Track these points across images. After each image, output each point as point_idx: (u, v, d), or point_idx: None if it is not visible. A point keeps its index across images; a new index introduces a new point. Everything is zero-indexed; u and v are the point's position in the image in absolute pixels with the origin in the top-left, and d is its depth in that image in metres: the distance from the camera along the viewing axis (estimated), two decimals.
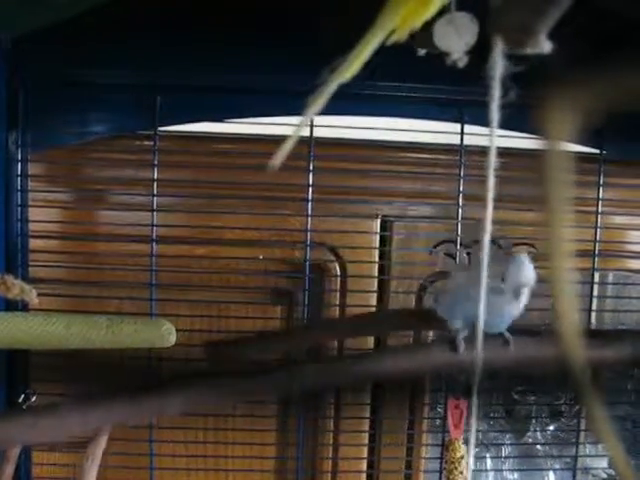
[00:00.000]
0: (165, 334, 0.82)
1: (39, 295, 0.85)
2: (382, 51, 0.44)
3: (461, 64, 0.45)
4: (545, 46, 0.37)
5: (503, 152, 0.47)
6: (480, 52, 0.44)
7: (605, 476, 1.04)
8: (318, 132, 0.88)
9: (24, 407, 0.90)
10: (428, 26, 0.44)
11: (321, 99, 0.43)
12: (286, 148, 0.42)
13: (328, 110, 0.44)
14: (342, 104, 0.51)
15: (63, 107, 0.88)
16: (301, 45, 0.82)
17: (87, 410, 0.71)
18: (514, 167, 0.56)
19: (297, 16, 0.79)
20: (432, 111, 0.92)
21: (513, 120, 0.44)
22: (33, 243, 0.90)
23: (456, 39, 0.44)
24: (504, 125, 0.44)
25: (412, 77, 0.89)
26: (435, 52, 0.46)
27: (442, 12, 0.43)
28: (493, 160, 0.46)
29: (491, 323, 0.73)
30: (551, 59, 0.38)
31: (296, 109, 0.45)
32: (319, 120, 0.87)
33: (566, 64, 0.36)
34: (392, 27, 0.43)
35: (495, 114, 0.44)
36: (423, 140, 0.95)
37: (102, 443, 0.77)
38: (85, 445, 0.77)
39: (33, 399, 0.90)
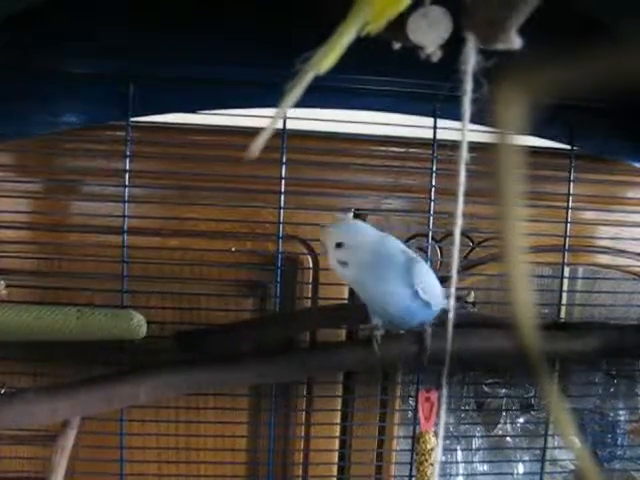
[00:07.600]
0: (136, 326, 0.82)
1: (8, 286, 0.84)
2: (356, 43, 0.44)
3: (435, 58, 0.46)
4: (516, 42, 0.38)
5: (476, 146, 0.47)
6: (455, 46, 0.44)
7: (572, 467, 1.05)
8: (291, 124, 0.88)
9: None
10: (402, 19, 0.44)
11: (296, 91, 0.43)
12: (263, 139, 0.42)
13: (301, 102, 0.44)
14: (315, 96, 0.50)
15: (33, 97, 0.87)
16: (274, 36, 0.81)
17: (56, 399, 0.70)
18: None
19: (270, 7, 0.79)
20: (406, 104, 0.92)
21: (487, 115, 0.45)
22: (2, 234, 0.89)
23: (429, 33, 0.44)
24: (477, 120, 0.44)
25: (386, 70, 0.89)
26: (409, 45, 0.46)
27: (417, 5, 0.43)
28: (465, 154, 0.46)
29: (401, 321, 0.75)
30: (515, 53, 0.38)
31: (268, 101, 0.45)
32: (292, 112, 0.87)
33: (527, 57, 0.36)
34: (366, 19, 0.43)
35: (467, 108, 0.44)
36: (396, 133, 0.95)
37: (71, 436, 0.76)
38: (54, 438, 0.77)
39: (2, 391, 0.89)
